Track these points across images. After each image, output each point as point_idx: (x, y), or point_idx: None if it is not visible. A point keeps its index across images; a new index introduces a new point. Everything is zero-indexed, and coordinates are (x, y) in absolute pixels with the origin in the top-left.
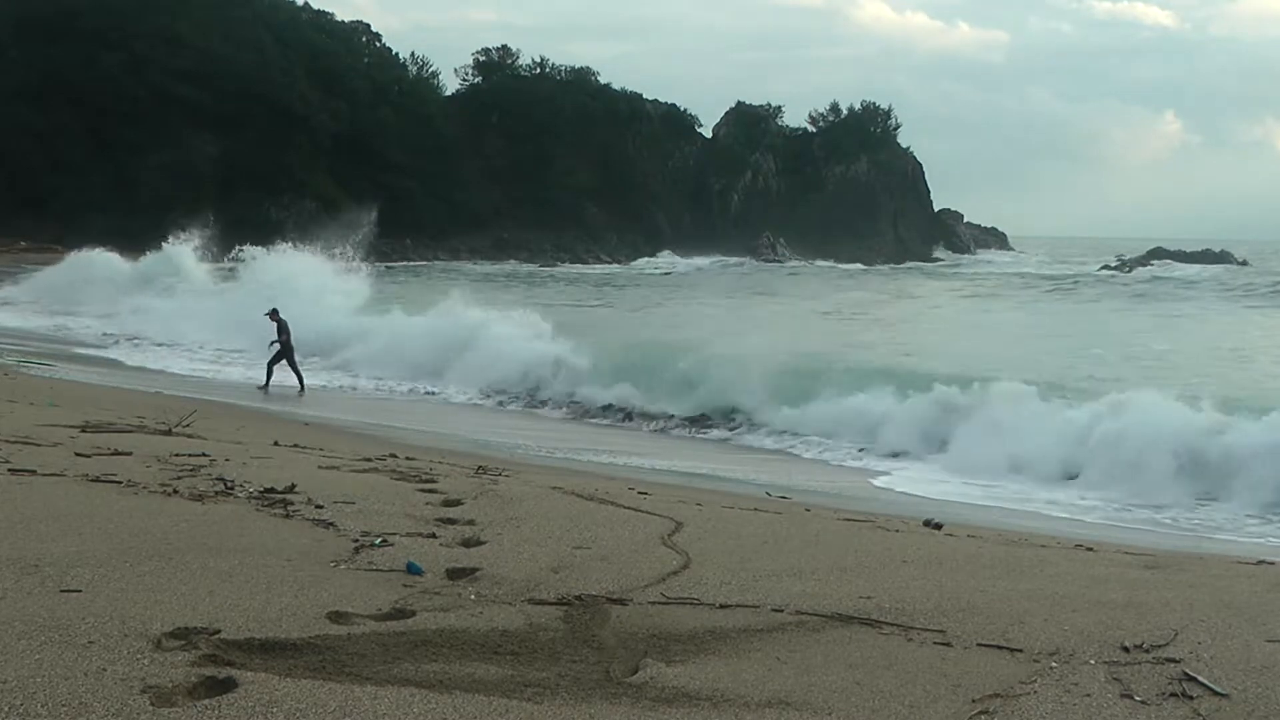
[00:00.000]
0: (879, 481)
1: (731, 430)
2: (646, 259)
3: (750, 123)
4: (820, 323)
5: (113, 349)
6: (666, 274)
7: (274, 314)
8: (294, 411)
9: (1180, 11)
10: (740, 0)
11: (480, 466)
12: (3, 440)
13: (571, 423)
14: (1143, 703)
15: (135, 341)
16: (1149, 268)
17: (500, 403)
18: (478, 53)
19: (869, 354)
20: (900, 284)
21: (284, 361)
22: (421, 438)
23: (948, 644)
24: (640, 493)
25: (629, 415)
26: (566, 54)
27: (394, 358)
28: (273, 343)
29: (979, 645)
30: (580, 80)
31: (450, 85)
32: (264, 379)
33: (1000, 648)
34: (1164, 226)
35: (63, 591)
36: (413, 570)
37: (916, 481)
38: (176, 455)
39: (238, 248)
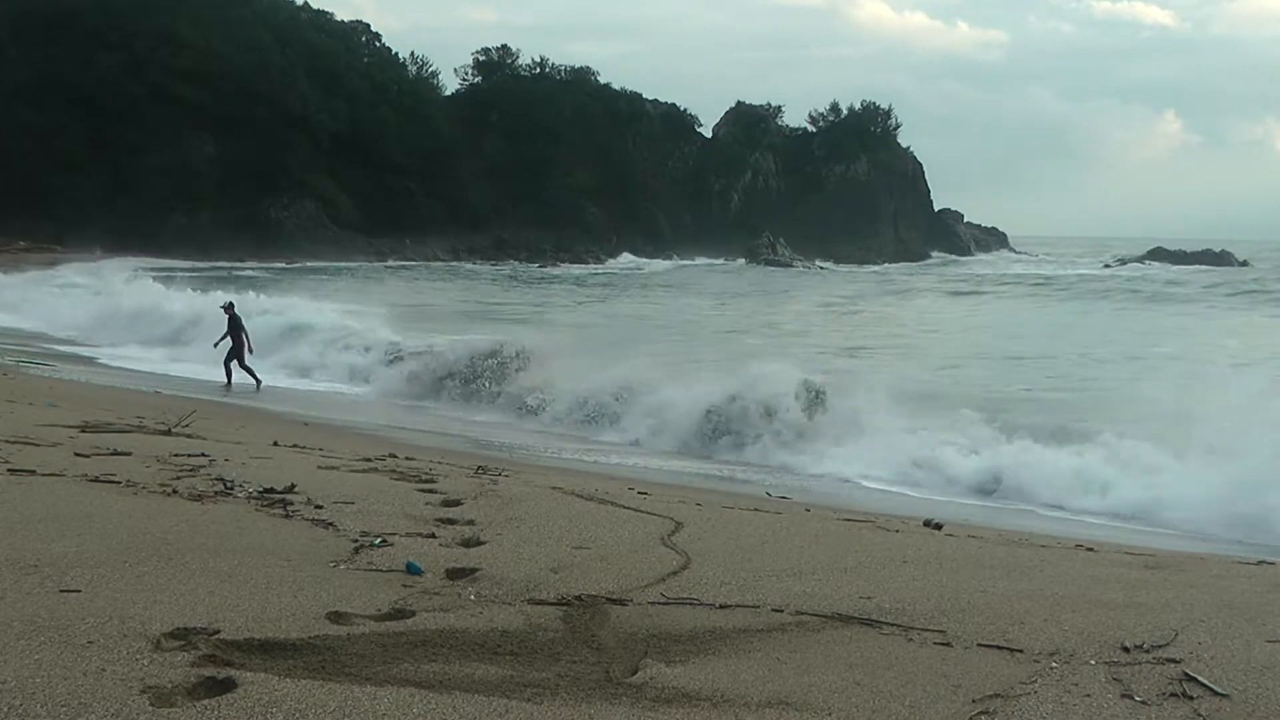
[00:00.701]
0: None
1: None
2: (630, 256)
3: (750, 123)
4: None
5: (106, 350)
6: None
7: (229, 307)
8: (293, 411)
9: (1180, 11)
10: (740, 0)
11: (480, 466)
12: (2, 440)
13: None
14: (1143, 703)
15: (129, 343)
16: (1145, 267)
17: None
18: (477, 53)
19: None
20: (893, 283)
21: (235, 360)
22: (421, 438)
23: (948, 644)
24: (640, 493)
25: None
26: (566, 54)
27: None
28: (222, 338)
29: (979, 645)
30: (580, 80)
31: (450, 85)
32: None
33: (1000, 648)
34: (1165, 226)
35: (62, 592)
36: (412, 570)
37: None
38: (176, 455)
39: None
